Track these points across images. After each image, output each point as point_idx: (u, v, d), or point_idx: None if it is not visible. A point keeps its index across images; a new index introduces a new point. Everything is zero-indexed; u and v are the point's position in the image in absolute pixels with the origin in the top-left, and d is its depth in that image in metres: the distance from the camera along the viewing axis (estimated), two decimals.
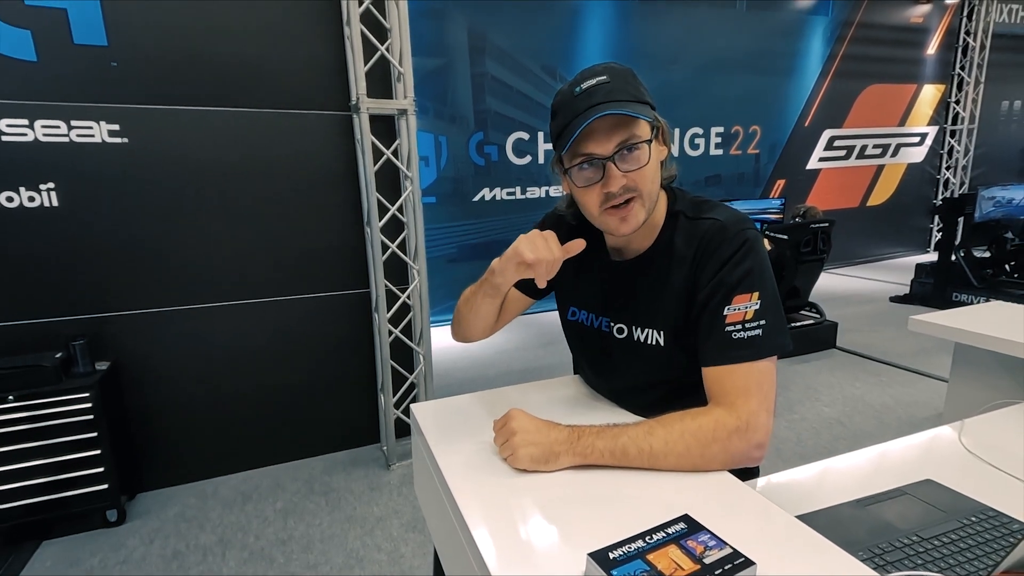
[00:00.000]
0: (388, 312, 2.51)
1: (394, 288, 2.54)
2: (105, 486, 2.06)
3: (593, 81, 0.82)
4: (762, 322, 0.81)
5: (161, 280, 2.26)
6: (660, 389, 0.94)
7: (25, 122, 1.98)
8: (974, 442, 0.95)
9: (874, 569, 0.60)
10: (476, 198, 4.60)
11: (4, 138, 1.96)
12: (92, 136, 2.07)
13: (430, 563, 1.73)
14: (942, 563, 0.66)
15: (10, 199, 2.00)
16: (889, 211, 6.70)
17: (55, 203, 2.06)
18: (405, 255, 2.56)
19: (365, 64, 2.26)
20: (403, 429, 2.64)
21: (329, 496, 2.31)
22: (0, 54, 1.92)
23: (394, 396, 2.59)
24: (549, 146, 4.69)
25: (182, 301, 2.30)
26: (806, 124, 5.92)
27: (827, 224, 3.74)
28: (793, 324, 3.79)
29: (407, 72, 2.37)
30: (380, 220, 2.42)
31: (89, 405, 1.99)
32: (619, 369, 0.99)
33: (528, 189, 4.74)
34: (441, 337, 4.33)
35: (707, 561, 0.55)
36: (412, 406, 1.02)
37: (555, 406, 1.02)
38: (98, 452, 2.03)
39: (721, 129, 5.39)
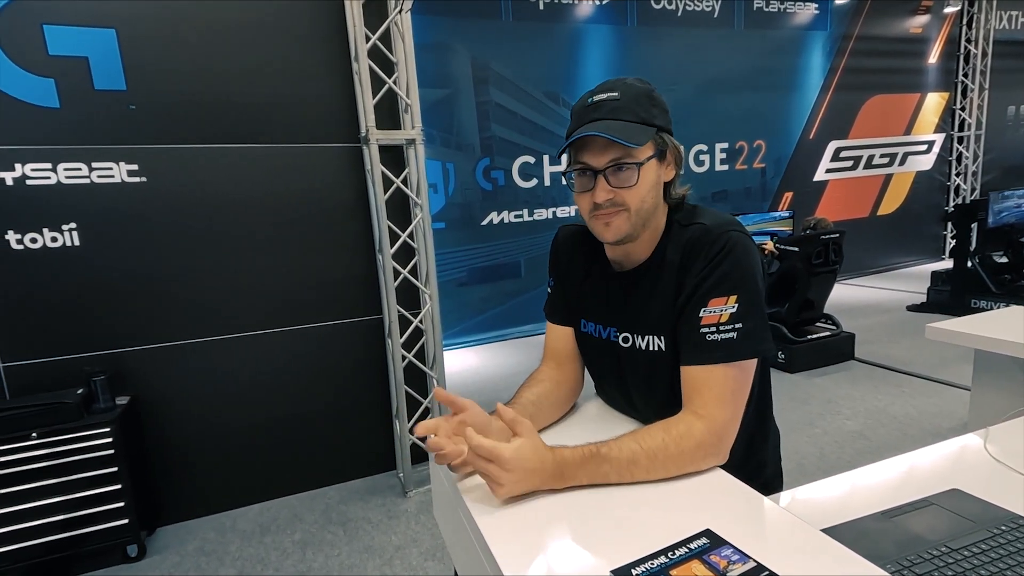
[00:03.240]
0: (401, 337, 2.53)
1: (406, 313, 2.56)
2: (126, 521, 2.06)
3: (604, 96, 0.86)
4: (738, 325, 0.82)
5: (178, 314, 2.30)
6: (673, 395, 0.93)
7: (48, 166, 2.06)
8: (1000, 450, 0.93)
9: None
10: (484, 222, 4.65)
11: (28, 182, 2.04)
12: (112, 177, 2.14)
13: None
14: (973, 574, 0.65)
15: (34, 240, 2.06)
16: (900, 220, 6.65)
17: (76, 242, 2.12)
18: (416, 280, 2.58)
19: (373, 97, 2.32)
20: (419, 455, 2.63)
21: (347, 526, 2.30)
22: (26, 103, 2.01)
23: (409, 421, 2.59)
24: (555, 168, 4.77)
25: (198, 334, 2.34)
26: (811, 137, 5.94)
27: (837, 235, 3.72)
28: (809, 337, 3.74)
29: (414, 103, 2.43)
30: (391, 247, 2.45)
31: (110, 440, 2.01)
32: (629, 378, 0.99)
33: (535, 211, 4.78)
34: (454, 361, 4.35)
35: (730, 575, 0.55)
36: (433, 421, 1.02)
37: (570, 428, 1.02)
38: (119, 487, 2.04)
39: (725, 145, 5.42)
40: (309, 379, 2.54)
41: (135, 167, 2.16)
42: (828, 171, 6.13)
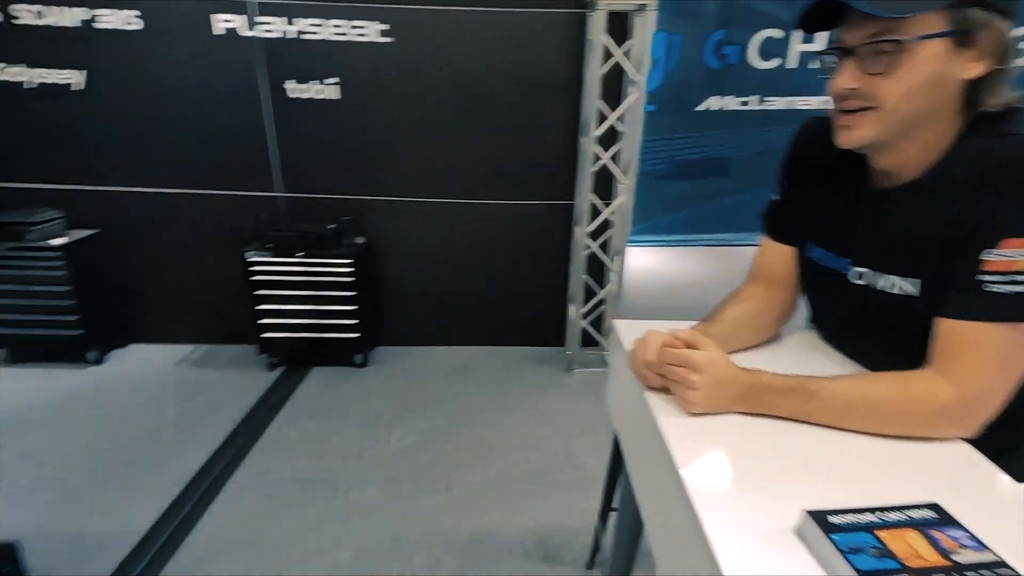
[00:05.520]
0: (588, 226, 2.52)
1: (598, 202, 2.52)
2: (356, 335, 2.57)
3: None
4: None
5: (406, 172, 2.59)
6: (908, 352, 0.75)
7: (320, 22, 2.33)
8: None
9: None
10: (700, 107, 4.16)
11: (303, 36, 2.34)
12: (366, 35, 2.35)
13: (598, 464, 1.84)
14: None
15: (304, 91, 2.42)
16: None
17: (337, 96, 2.43)
18: (616, 168, 2.49)
19: None
20: (588, 339, 2.75)
21: (518, 384, 2.56)
22: None
23: (584, 307, 2.68)
24: (806, 46, 3.94)
25: (422, 194, 2.62)
26: None
27: None
28: None
29: None
30: (597, 129, 2.36)
31: (351, 270, 2.45)
32: (860, 322, 0.83)
33: (767, 99, 4.11)
34: (635, 258, 4.20)
35: (957, 560, 0.48)
36: (616, 321, 1.02)
37: (773, 356, 0.92)
38: (354, 307, 2.52)
39: None
40: (501, 249, 2.74)
41: (387, 27, 2.34)
42: None
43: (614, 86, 2.39)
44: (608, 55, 2.28)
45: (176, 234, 2.63)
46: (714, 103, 4.13)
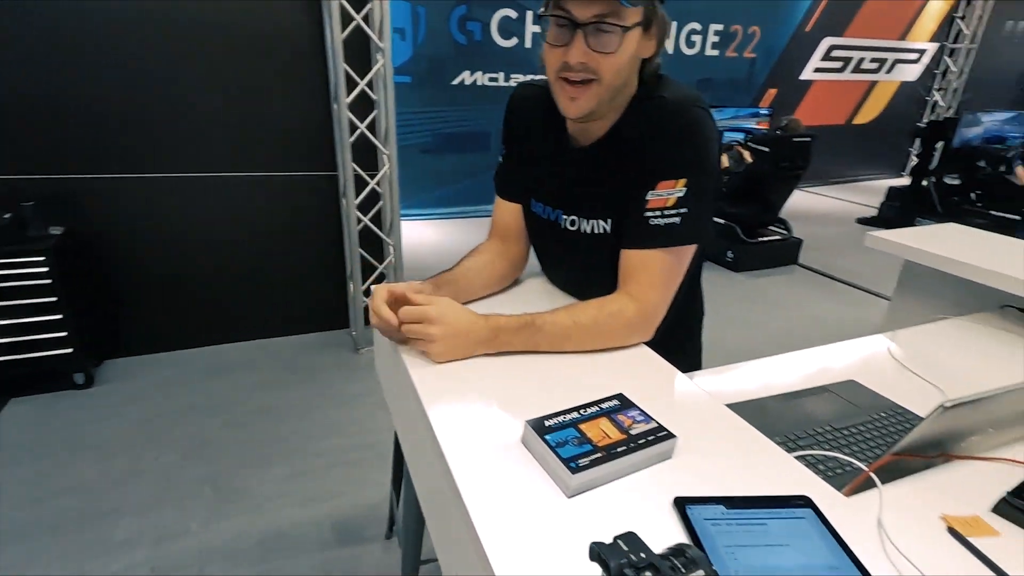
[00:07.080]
0: (357, 198, 2.44)
1: (363, 173, 2.45)
2: (70, 350, 2.07)
3: None
4: (682, 211, 0.81)
5: (124, 144, 2.13)
6: (610, 281, 0.91)
7: None
8: (902, 352, 1.02)
9: (786, 452, 0.67)
10: (455, 81, 4.32)
11: None
12: None
13: (392, 436, 1.85)
14: (847, 449, 0.74)
15: None
16: (873, 131, 6.62)
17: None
18: (375, 138, 2.44)
19: None
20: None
21: (302, 373, 2.39)
22: None
23: (364, 284, 2.60)
24: (538, 28, 4.35)
25: (146, 169, 2.19)
26: (807, 29, 5.62)
27: (808, 139, 3.69)
28: (760, 239, 3.87)
29: None
30: (348, 96, 2.27)
31: (46, 269, 1.94)
32: (573, 261, 0.99)
33: (512, 76, 4.46)
34: (411, 233, 4.27)
35: (633, 432, 0.60)
36: (373, 287, 1.02)
37: (510, 302, 1.03)
38: (60, 316, 2.02)
39: (720, 27, 5.07)
40: (261, 229, 2.47)
41: None
42: (816, 70, 5.91)
43: (362, 51, 2.30)
44: (347, 19, 2.18)
45: None
46: (467, 78, 4.34)
